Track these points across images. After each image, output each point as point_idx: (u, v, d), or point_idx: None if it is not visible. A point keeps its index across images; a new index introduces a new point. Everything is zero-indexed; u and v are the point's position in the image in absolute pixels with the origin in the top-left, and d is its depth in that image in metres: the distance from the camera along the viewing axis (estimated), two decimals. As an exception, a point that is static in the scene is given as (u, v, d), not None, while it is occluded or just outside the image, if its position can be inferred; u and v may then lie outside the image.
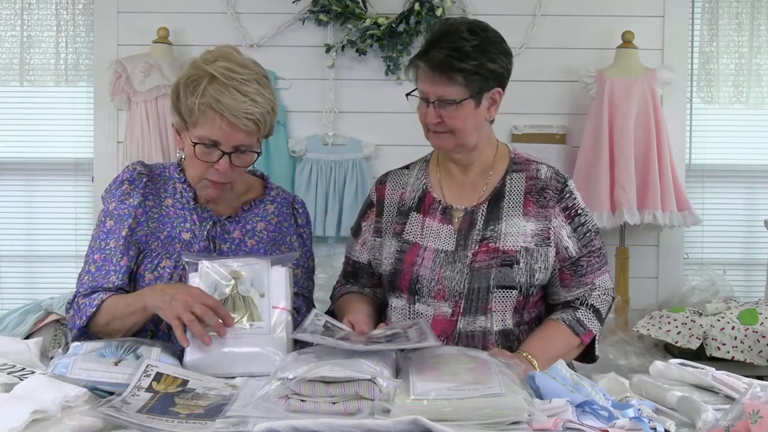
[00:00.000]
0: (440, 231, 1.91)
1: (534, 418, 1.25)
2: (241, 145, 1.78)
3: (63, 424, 1.24)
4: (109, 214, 1.88)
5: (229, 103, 1.73)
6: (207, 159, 1.79)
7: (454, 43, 1.81)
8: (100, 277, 1.82)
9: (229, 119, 1.73)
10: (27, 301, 3.19)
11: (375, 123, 3.47)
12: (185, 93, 1.78)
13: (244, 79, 1.76)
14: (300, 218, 2.01)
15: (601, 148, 3.32)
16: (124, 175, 1.92)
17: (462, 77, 1.81)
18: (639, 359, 3.05)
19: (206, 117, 1.75)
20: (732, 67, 3.62)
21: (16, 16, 3.64)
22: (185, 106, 1.78)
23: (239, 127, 1.75)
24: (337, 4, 3.46)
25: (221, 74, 1.75)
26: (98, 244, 1.86)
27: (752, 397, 1.30)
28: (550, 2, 3.56)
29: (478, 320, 1.86)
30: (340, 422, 1.23)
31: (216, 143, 1.77)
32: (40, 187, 3.76)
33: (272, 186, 2.02)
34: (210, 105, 1.74)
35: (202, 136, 1.77)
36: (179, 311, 1.60)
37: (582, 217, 1.93)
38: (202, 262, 1.70)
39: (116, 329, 1.75)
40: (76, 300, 1.83)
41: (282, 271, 1.70)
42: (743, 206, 3.74)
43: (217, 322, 1.60)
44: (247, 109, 1.74)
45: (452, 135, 1.87)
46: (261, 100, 1.76)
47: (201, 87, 1.75)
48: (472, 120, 1.86)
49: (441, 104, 1.84)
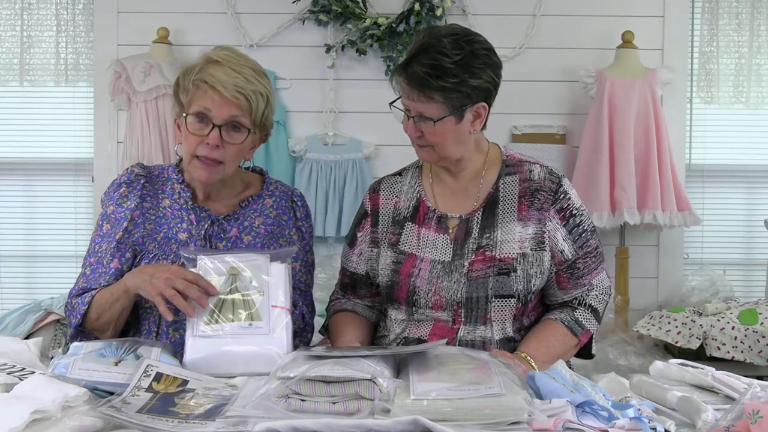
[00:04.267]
0: (436, 241, 1.89)
1: (534, 418, 1.25)
2: (232, 119, 1.82)
3: (63, 424, 1.24)
4: (107, 218, 1.91)
5: (222, 77, 1.80)
6: (198, 132, 1.82)
7: (434, 59, 1.75)
8: (92, 279, 1.87)
9: (220, 91, 1.80)
10: (27, 301, 3.19)
11: (375, 123, 3.47)
12: (183, 76, 1.85)
13: (241, 63, 1.84)
14: (299, 211, 2.01)
15: (601, 148, 3.32)
16: (122, 178, 1.94)
17: (440, 95, 1.77)
18: (639, 359, 3.05)
19: (200, 91, 1.82)
20: (732, 67, 3.63)
21: (16, 16, 3.64)
22: (183, 88, 1.85)
23: (229, 99, 1.80)
24: (337, 4, 3.46)
25: (220, 57, 1.83)
26: (94, 247, 1.91)
27: (752, 397, 1.30)
28: (550, 2, 3.56)
29: (478, 329, 1.84)
30: (340, 422, 1.23)
31: (207, 113, 1.81)
32: (40, 187, 3.76)
33: (271, 180, 2.03)
34: (203, 79, 1.81)
35: (196, 110, 1.82)
36: (161, 287, 1.65)
37: (577, 218, 1.90)
38: (201, 257, 1.71)
39: (107, 320, 1.80)
40: (69, 300, 1.88)
41: (281, 268, 1.70)
42: (743, 206, 3.74)
43: (198, 295, 1.64)
44: (239, 84, 1.81)
45: (433, 149, 1.85)
46: (254, 81, 1.83)
47: (197, 67, 1.83)
48: (453, 135, 1.83)
49: (420, 120, 1.81)
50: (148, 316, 1.85)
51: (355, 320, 1.97)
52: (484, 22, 3.41)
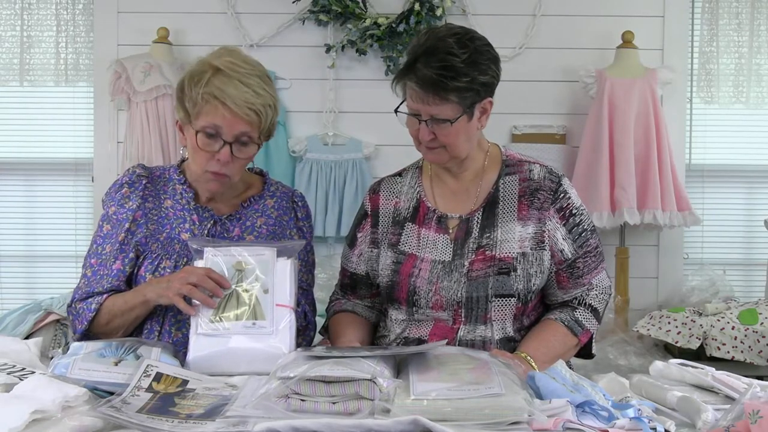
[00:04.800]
0: (437, 241, 1.89)
1: (534, 418, 1.25)
2: (242, 135, 1.81)
3: (63, 424, 1.24)
4: (108, 219, 1.91)
5: (232, 92, 1.77)
6: (208, 149, 1.81)
7: (444, 60, 1.74)
8: (94, 282, 1.86)
9: (231, 108, 1.77)
10: (27, 301, 3.19)
11: (375, 123, 3.47)
12: (190, 85, 1.81)
13: (248, 72, 1.81)
14: (300, 212, 2.02)
15: (601, 148, 3.32)
16: (124, 179, 1.94)
17: (455, 95, 1.77)
18: (639, 359, 3.05)
19: (209, 106, 1.78)
20: (732, 67, 3.63)
21: (16, 16, 3.64)
22: (189, 98, 1.81)
23: (240, 116, 1.78)
24: (337, 4, 3.46)
25: (226, 67, 1.79)
26: (95, 248, 1.90)
27: (752, 397, 1.30)
28: (550, 2, 3.56)
29: (478, 329, 1.84)
30: (340, 422, 1.23)
31: (218, 132, 1.79)
32: (40, 187, 3.76)
33: (271, 181, 2.04)
34: (213, 94, 1.77)
35: (205, 125, 1.80)
36: (178, 287, 1.68)
37: (577, 217, 1.90)
38: (208, 249, 1.72)
39: (117, 326, 1.81)
40: (73, 305, 1.87)
41: (287, 265, 1.70)
42: (743, 206, 3.74)
43: (213, 286, 1.66)
44: (249, 99, 1.78)
45: (445, 149, 1.84)
46: (263, 93, 1.81)
47: (205, 78, 1.79)
48: (464, 134, 1.83)
49: (434, 122, 1.80)
50: (150, 317, 1.85)
51: (355, 320, 1.98)
52: (484, 22, 3.40)
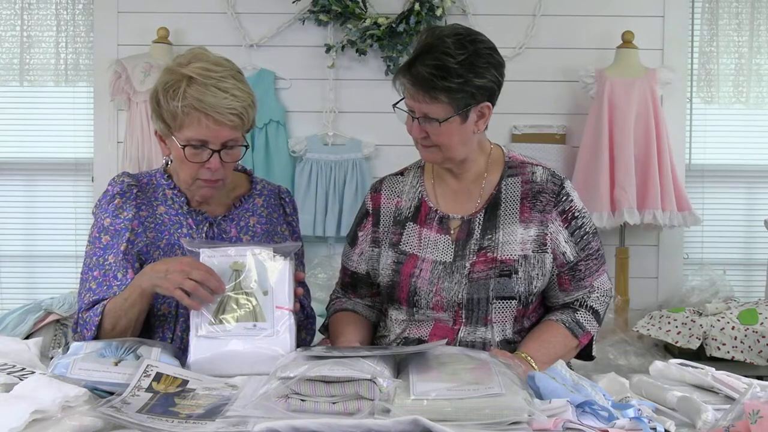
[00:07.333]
0: (438, 241, 1.89)
1: (534, 418, 1.25)
2: (229, 141, 1.80)
3: (63, 424, 1.24)
4: (104, 230, 1.87)
5: (212, 101, 1.75)
6: (197, 160, 1.80)
7: (438, 60, 1.74)
8: (101, 292, 1.81)
9: (214, 117, 1.75)
10: (27, 301, 3.19)
11: (375, 123, 3.47)
12: (165, 98, 1.78)
13: (221, 76, 1.78)
14: (288, 207, 2.03)
15: (601, 148, 3.32)
16: (114, 189, 1.91)
17: (446, 96, 1.76)
18: (639, 359, 3.05)
19: (191, 118, 1.76)
20: (732, 67, 3.63)
21: (16, 16, 3.64)
22: (168, 111, 1.78)
23: (225, 123, 1.76)
24: (337, 4, 3.46)
25: (198, 74, 1.76)
26: (96, 260, 1.85)
27: (752, 397, 1.30)
28: (550, 2, 3.57)
29: (479, 331, 1.84)
30: (340, 422, 1.23)
31: (204, 142, 1.78)
32: (40, 187, 3.76)
33: (257, 180, 2.04)
34: (193, 106, 1.75)
35: (190, 137, 1.78)
36: (179, 281, 1.63)
37: (579, 220, 1.90)
38: (204, 250, 1.71)
39: (124, 327, 1.76)
40: (80, 316, 1.82)
41: (285, 266, 1.70)
42: (743, 206, 3.75)
43: (216, 284, 1.65)
44: (230, 104, 1.76)
45: (439, 149, 1.84)
46: (241, 94, 1.79)
47: (181, 90, 1.75)
48: (458, 136, 1.82)
49: (425, 120, 1.80)
50: (162, 324, 1.84)
51: (356, 320, 1.97)
52: (484, 22, 3.40)
